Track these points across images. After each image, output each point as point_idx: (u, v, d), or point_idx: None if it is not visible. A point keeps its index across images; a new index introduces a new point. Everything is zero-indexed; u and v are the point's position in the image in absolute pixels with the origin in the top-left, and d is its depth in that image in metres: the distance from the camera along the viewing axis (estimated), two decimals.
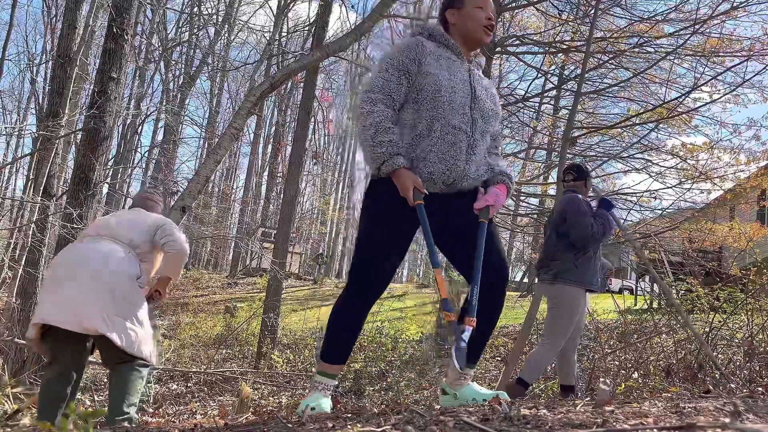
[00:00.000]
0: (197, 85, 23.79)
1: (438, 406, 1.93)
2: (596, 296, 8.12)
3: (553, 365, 5.52)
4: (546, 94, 12.01)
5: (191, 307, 14.67)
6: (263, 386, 6.61)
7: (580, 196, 3.54)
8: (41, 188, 7.05)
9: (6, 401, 3.65)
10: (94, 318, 2.51)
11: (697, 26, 7.54)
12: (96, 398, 5.86)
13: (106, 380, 7.68)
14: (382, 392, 5.78)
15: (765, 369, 3.37)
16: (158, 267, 2.92)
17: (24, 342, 5.29)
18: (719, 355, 4.02)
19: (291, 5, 19.49)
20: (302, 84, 12.00)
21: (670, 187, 9.13)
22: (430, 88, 1.98)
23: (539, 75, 13.24)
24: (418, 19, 13.88)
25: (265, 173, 27.32)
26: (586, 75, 8.98)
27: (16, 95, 25.04)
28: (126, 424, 2.46)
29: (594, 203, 3.57)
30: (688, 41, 7.92)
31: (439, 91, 1.98)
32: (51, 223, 6.60)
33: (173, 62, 22.11)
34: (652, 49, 8.64)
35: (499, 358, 7.39)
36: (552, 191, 10.63)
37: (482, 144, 2.07)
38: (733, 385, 3.10)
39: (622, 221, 5.21)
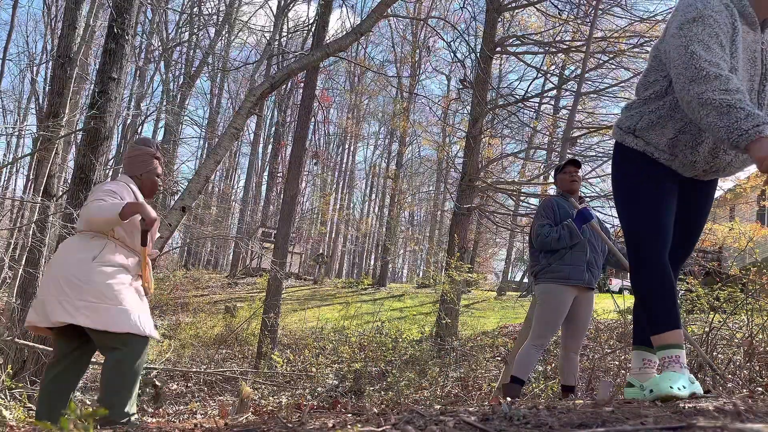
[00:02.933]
0: (197, 85, 23.80)
1: (438, 406, 1.92)
2: (597, 296, 8.10)
3: (554, 365, 5.51)
4: (546, 94, 12.02)
5: (191, 307, 14.67)
6: (263, 386, 6.61)
7: (553, 199, 3.64)
8: (41, 188, 7.05)
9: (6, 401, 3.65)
10: (55, 310, 2.53)
11: None
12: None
13: None
14: (382, 392, 5.78)
15: (765, 369, 3.37)
16: (126, 228, 2.76)
17: (24, 342, 5.29)
18: (719, 355, 4.02)
19: (291, 5, 19.48)
20: (302, 84, 12.01)
21: None
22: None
23: (539, 75, 13.25)
24: (418, 19, 13.89)
25: (265, 173, 27.34)
26: (586, 75, 8.98)
27: (16, 95, 25.06)
28: (123, 422, 2.45)
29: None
30: None
31: (736, 71, 1.88)
32: (51, 223, 6.60)
33: (173, 62, 22.12)
34: None
35: (499, 358, 7.39)
36: (552, 191, 10.64)
37: None
38: (730, 385, 3.10)
39: (610, 227, 5.18)
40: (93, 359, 3.18)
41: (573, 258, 3.43)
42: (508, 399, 1.68)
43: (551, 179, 10.53)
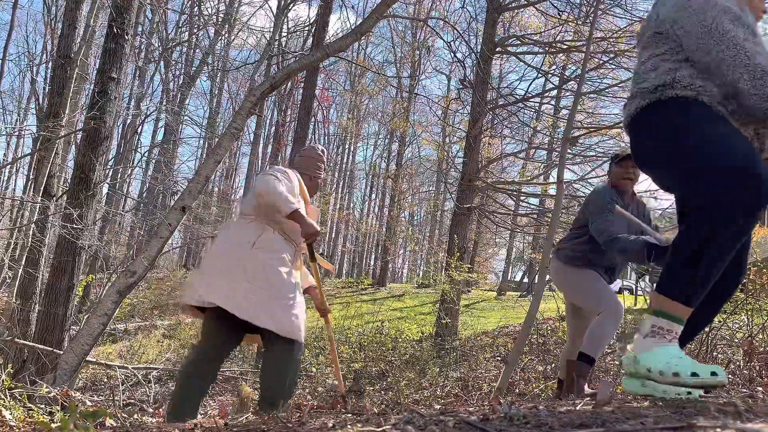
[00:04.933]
0: (197, 85, 23.81)
1: (438, 406, 1.92)
2: None
3: (554, 365, 5.50)
4: (546, 94, 12.01)
5: None
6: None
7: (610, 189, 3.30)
8: (41, 188, 7.05)
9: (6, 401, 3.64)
10: (262, 315, 2.59)
11: None
12: (96, 398, 5.85)
13: (106, 380, 7.68)
14: (382, 392, 5.78)
15: (765, 369, 3.37)
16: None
17: (24, 342, 5.29)
18: (719, 355, 4.03)
19: (291, 5, 19.48)
20: (302, 84, 12.00)
21: None
22: None
23: (539, 75, 13.25)
24: (418, 19, 13.88)
25: None
26: (586, 75, 8.97)
27: (16, 95, 25.05)
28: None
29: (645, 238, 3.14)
30: None
31: None
32: (51, 223, 6.60)
33: (173, 62, 22.11)
34: None
35: (499, 358, 7.38)
36: (552, 191, 10.64)
37: None
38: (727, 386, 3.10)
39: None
40: (90, 358, 3.17)
41: (597, 258, 3.30)
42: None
43: (552, 179, 10.54)
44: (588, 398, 1.97)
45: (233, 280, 2.60)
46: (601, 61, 9.79)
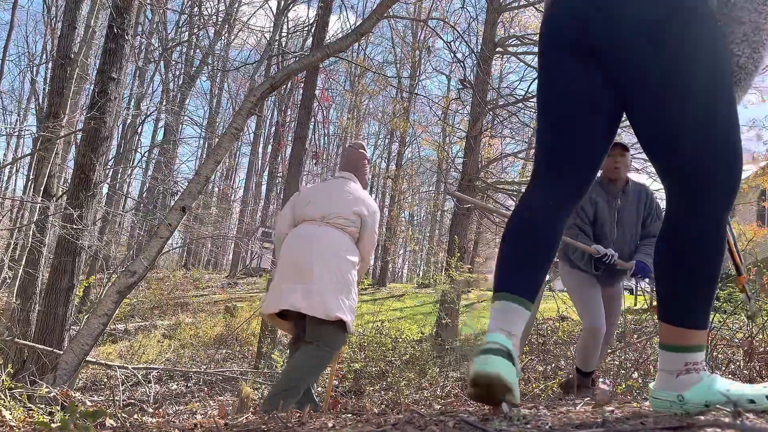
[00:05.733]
0: (197, 85, 23.81)
1: (438, 406, 1.92)
2: None
3: (554, 365, 5.50)
4: None
5: (191, 307, 14.66)
6: (263, 386, 6.61)
7: (590, 192, 3.27)
8: (41, 188, 7.05)
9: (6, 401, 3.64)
10: (334, 305, 2.90)
11: None
12: (96, 398, 5.86)
13: (106, 380, 7.68)
14: (382, 392, 5.78)
15: (765, 369, 3.37)
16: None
17: (24, 342, 5.29)
18: (719, 355, 4.03)
19: (291, 5, 19.48)
20: (302, 84, 12.01)
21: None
22: None
23: None
24: (418, 20, 13.88)
25: (265, 173, 27.33)
26: None
27: (16, 95, 25.07)
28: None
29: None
30: None
31: None
32: (51, 223, 6.60)
33: (173, 62, 22.11)
34: None
35: None
36: None
37: None
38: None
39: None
40: (90, 358, 3.17)
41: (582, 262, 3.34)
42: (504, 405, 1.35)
43: None
44: (588, 398, 1.97)
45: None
46: None
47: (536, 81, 1.63)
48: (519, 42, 11.12)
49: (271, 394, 2.75)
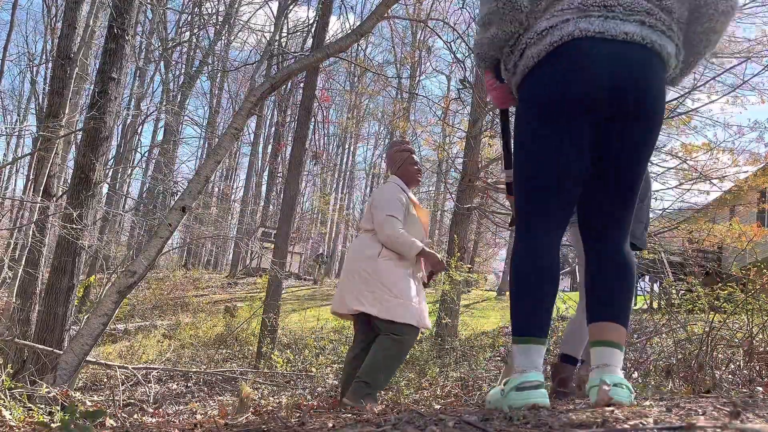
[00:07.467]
0: (197, 85, 23.81)
1: (438, 406, 1.92)
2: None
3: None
4: None
5: (191, 307, 14.66)
6: (263, 386, 6.61)
7: None
8: (41, 188, 7.05)
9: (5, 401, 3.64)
10: (351, 300, 3.08)
11: None
12: (96, 398, 5.85)
13: (106, 380, 7.68)
14: (382, 392, 5.78)
15: (765, 369, 3.37)
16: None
17: (24, 342, 5.29)
18: (719, 355, 4.03)
19: (291, 6, 19.47)
20: (302, 84, 12.00)
21: (670, 188, 9.14)
22: None
23: None
24: (418, 20, 13.88)
25: (265, 173, 27.33)
26: None
27: (16, 95, 25.08)
28: (356, 392, 2.79)
29: None
30: None
31: None
32: (51, 223, 6.60)
33: (173, 62, 22.11)
34: None
35: (499, 358, 7.38)
36: None
37: None
38: (726, 385, 3.11)
39: None
40: (90, 357, 3.18)
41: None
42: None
43: None
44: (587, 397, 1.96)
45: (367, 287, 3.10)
46: None
47: (527, 132, 1.69)
48: None
49: (353, 389, 2.89)
